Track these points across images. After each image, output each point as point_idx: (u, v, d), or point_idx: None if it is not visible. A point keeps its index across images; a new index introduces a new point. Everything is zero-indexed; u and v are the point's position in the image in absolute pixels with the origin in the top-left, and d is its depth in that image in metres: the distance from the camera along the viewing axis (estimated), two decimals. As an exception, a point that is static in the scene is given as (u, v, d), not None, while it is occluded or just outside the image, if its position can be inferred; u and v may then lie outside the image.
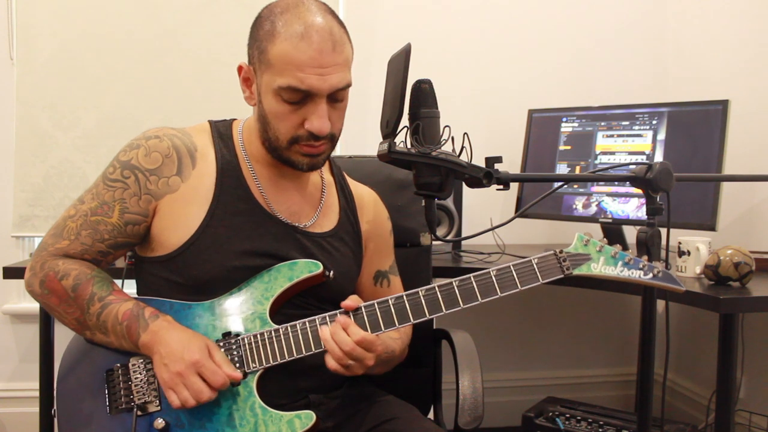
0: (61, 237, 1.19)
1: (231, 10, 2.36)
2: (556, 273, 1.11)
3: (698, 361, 2.59)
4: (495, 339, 2.69)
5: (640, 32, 2.73)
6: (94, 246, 1.19)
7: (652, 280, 1.09)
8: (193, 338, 1.12)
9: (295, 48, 1.11)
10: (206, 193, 1.20)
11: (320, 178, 1.35)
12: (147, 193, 1.18)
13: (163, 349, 1.10)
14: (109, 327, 1.14)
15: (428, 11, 2.58)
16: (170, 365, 1.09)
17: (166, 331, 1.12)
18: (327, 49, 1.12)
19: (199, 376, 1.08)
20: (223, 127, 1.29)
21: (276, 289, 1.18)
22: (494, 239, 2.31)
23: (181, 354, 1.09)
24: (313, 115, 1.14)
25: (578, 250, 1.12)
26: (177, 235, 1.19)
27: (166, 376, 1.09)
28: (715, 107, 1.98)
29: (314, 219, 1.29)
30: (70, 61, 2.28)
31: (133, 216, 1.19)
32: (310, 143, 1.17)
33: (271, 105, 1.16)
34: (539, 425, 2.07)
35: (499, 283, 1.11)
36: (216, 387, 1.08)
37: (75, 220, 1.19)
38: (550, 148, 2.36)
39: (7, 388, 2.43)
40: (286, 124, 1.16)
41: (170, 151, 1.20)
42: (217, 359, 1.10)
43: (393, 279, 1.43)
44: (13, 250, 2.37)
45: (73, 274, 1.16)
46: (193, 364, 1.08)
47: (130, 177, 1.18)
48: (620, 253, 1.11)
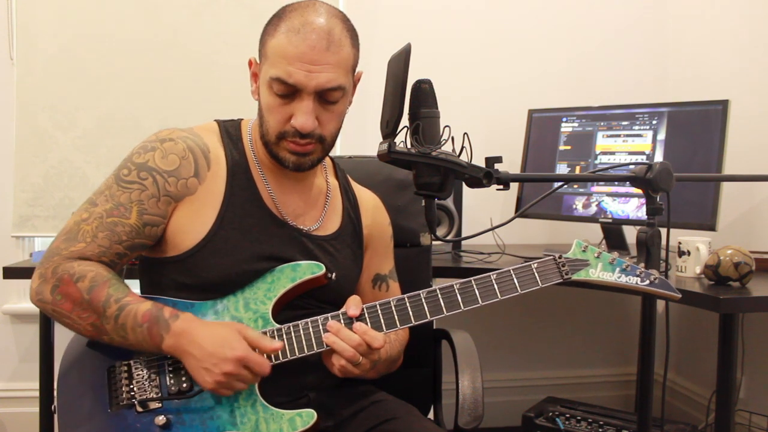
0: (75, 240, 1.15)
1: (231, 10, 2.36)
2: (555, 278, 1.13)
3: (698, 361, 2.59)
4: (495, 339, 2.69)
5: (640, 32, 2.74)
6: (112, 248, 1.16)
7: (648, 287, 1.10)
8: (224, 332, 1.10)
9: (289, 41, 1.12)
10: (217, 195, 1.20)
11: (325, 182, 1.35)
12: (167, 194, 1.18)
13: (197, 352, 1.08)
14: (129, 329, 1.11)
15: (428, 11, 2.59)
16: (213, 369, 1.07)
17: (191, 333, 1.10)
18: (320, 47, 1.12)
19: (247, 369, 1.08)
20: (232, 128, 1.28)
21: (278, 290, 1.19)
22: (494, 239, 2.31)
23: (222, 354, 1.07)
24: (299, 112, 1.14)
25: (577, 255, 1.14)
26: (190, 238, 1.19)
27: (211, 379, 1.07)
28: (715, 107, 1.98)
29: (319, 223, 1.29)
30: (70, 61, 2.28)
31: (152, 217, 1.17)
32: (295, 140, 1.16)
33: (264, 97, 1.17)
34: (539, 425, 2.07)
35: (500, 287, 1.13)
36: (264, 375, 1.09)
37: (89, 223, 1.16)
38: (550, 148, 2.36)
39: (7, 388, 2.43)
40: (276, 117, 1.16)
41: (186, 152, 1.20)
42: (254, 340, 1.10)
43: (392, 284, 1.43)
44: (13, 250, 2.37)
45: (89, 276, 1.12)
46: (238, 361, 1.07)
47: (147, 179, 1.17)
48: (618, 259, 1.12)
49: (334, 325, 1.12)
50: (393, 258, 1.45)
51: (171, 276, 1.21)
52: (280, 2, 1.18)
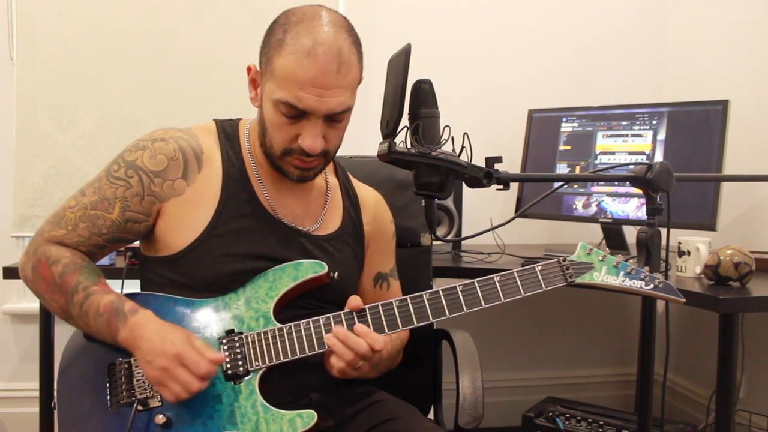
0: (58, 225, 1.19)
1: (231, 10, 2.36)
2: (559, 281, 1.13)
3: (698, 361, 2.59)
4: (495, 339, 2.69)
5: (639, 32, 2.74)
6: (91, 239, 1.19)
7: (653, 291, 1.10)
8: (172, 331, 1.11)
9: (299, 65, 1.09)
10: (212, 196, 1.20)
11: (325, 182, 1.35)
12: (150, 194, 1.19)
13: (144, 346, 1.09)
14: (91, 317, 1.14)
15: (428, 11, 2.59)
16: (154, 362, 1.08)
17: (143, 327, 1.11)
18: (331, 70, 1.10)
19: (184, 368, 1.07)
20: (230, 128, 1.28)
21: (280, 289, 1.19)
22: (494, 239, 2.31)
23: (162, 348, 1.08)
24: (307, 133, 1.13)
25: (581, 258, 1.14)
26: (182, 237, 1.19)
27: (153, 373, 1.08)
28: (715, 107, 1.98)
29: (318, 224, 1.29)
30: (70, 61, 2.28)
31: (134, 214, 1.19)
32: (302, 158, 1.17)
33: (269, 114, 1.16)
34: (539, 425, 2.07)
35: (503, 290, 1.13)
36: (200, 375, 1.07)
37: (74, 212, 1.19)
38: (550, 148, 2.36)
39: (7, 388, 2.43)
40: (281, 135, 1.16)
41: (176, 153, 1.20)
42: (197, 346, 1.09)
43: (393, 282, 1.43)
44: (13, 250, 2.37)
45: (63, 261, 1.16)
46: (175, 356, 1.07)
47: (133, 177, 1.18)
48: (622, 263, 1.12)
49: (341, 332, 1.11)
50: (395, 256, 1.45)
51: (167, 275, 1.21)
52: (280, 2, 1.18)
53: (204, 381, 1.08)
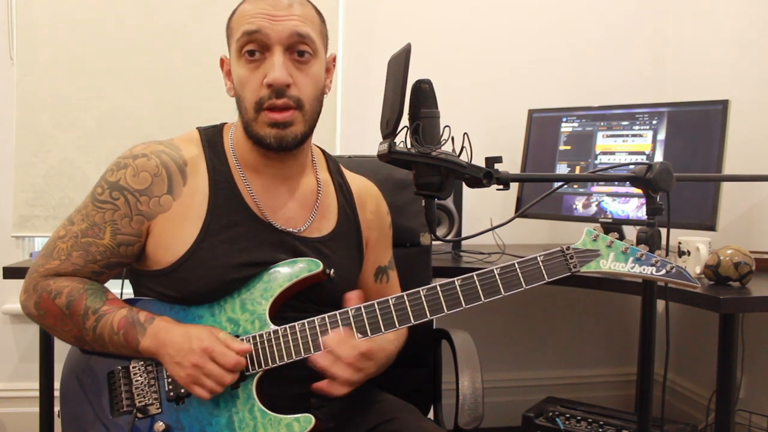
0: (51, 257, 1.17)
1: (231, 10, 2.36)
2: (563, 271, 1.08)
3: (698, 361, 2.58)
4: (495, 339, 2.69)
5: (639, 32, 2.74)
6: (87, 267, 1.17)
7: (665, 276, 1.05)
8: (195, 328, 1.11)
9: (249, 3, 1.16)
10: (199, 207, 1.18)
11: (315, 179, 1.32)
12: (138, 214, 1.16)
13: (171, 350, 1.09)
14: (106, 339, 1.13)
15: (428, 11, 2.58)
16: (183, 361, 1.08)
17: (166, 332, 1.11)
18: (281, 4, 1.14)
19: (214, 362, 1.07)
20: (213, 135, 1.26)
21: (276, 289, 1.17)
22: (494, 239, 2.31)
23: (189, 346, 1.08)
24: (270, 68, 1.13)
25: (587, 245, 1.08)
26: (171, 253, 1.17)
27: (184, 373, 1.08)
28: (715, 107, 1.98)
29: (308, 223, 1.27)
30: (70, 61, 2.28)
31: (126, 237, 1.17)
32: (272, 103, 1.14)
33: (237, 72, 1.17)
34: (539, 425, 2.07)
35: (503, 283, 1.09)
36: (230, 367, 1.07)
37: (65, 241, 1.17)
38: (550, 148, 2.36)
39: (7, 388, 2.43)
40: (250, 86, 1.15)
41: (159, 169, 1.17)
42: (223, 339, 1.09)
43: (391, 274, 1.43)
44: (13, 250, 2.37)
45: (65, 291, 1.14)
46: (203, 351, 1.07)
47: (119, 198, 1.16)
48: (632, 248, 1.07)
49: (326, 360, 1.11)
50: (392, 246, 1.44)
51: (157, 289, 1.20)
52: (280, 2, 1.18)
53: (234, 373, 1.08)
